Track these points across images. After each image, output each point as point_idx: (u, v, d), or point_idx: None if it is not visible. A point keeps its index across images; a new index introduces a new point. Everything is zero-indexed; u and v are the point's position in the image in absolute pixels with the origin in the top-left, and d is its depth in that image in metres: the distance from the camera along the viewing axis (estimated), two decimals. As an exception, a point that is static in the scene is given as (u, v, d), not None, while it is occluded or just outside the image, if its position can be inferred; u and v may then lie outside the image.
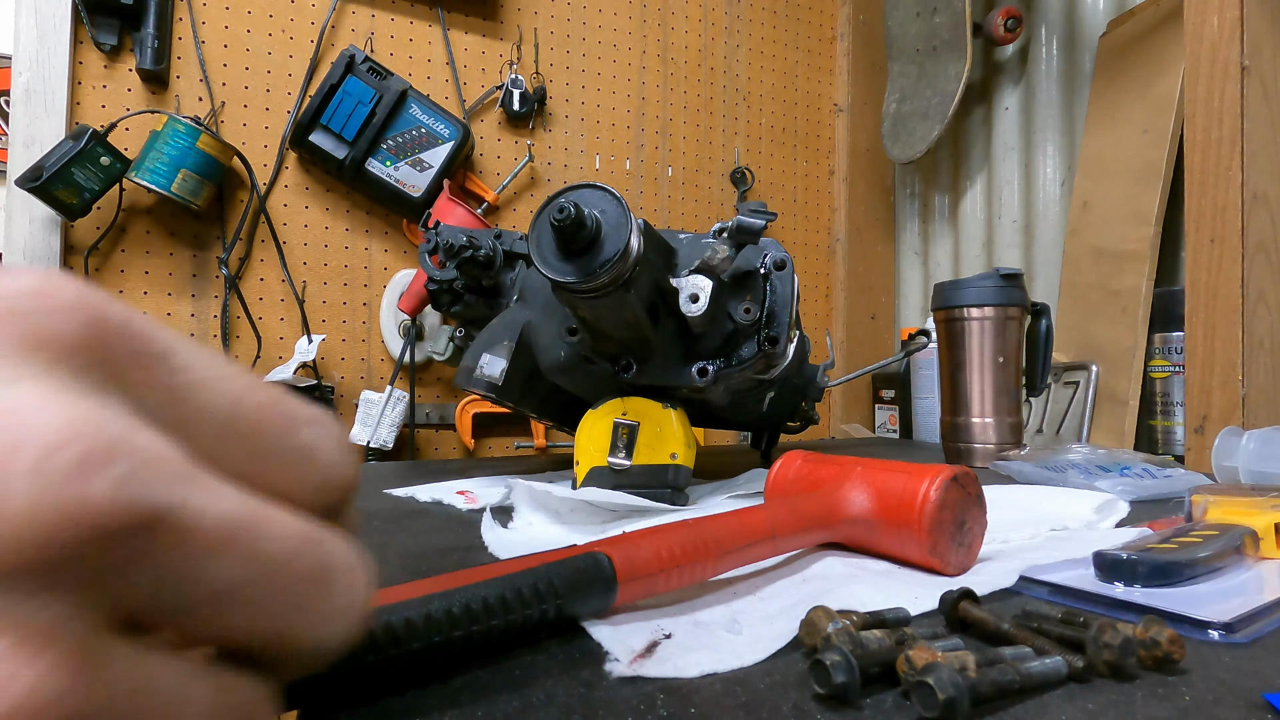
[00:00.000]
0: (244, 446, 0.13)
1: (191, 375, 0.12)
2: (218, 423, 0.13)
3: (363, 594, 0.14)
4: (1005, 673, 0.24)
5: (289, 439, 0.14)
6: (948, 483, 0.38)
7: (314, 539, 0.13)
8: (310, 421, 0.15)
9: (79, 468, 0.09)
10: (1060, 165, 1.41)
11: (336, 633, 0.14)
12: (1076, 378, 1.21)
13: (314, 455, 0.14)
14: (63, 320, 0.11)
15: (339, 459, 0.15)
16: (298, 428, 0.14)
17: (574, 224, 0.48)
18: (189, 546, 0.11)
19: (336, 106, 1.22)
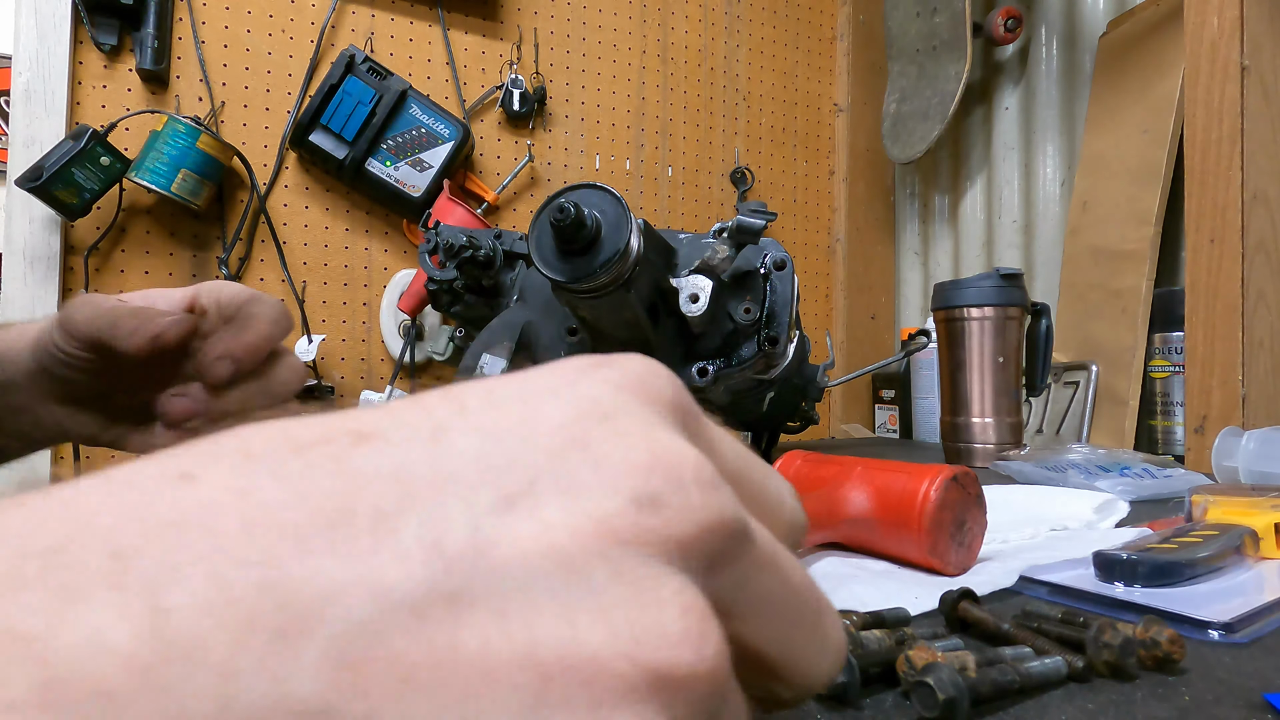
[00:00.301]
0: (744, 490, 0.15)
1: (712, 429, 0.15)
2: (731, 469, 0.15)
3: (842, 638, 0.16)
4: (1005, 673, 0.24)
5: (765, 485, 0.16)
6: (948, 483, 0.38)
7: (807, 579, 0.15)
8: (773, 472, 0.17)
9: (714, 485, 0.12)
10: (1060, 165, 1.41)
11: (826, 666, 0.15)
12: (1076, 378, 1.21)
13: (783, 502, 0.17)
14: (667, 388, 0.14)
15: (796, 506, 0.17)
16: (769, 476, 0.17)
17: (574, 224, 0.48)
18: (752, 558, 0.13)
19: (336, 106, 1.22)
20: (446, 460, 0.11)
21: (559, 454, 0.12)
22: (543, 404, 0.13)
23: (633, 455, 0.12)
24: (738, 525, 0.13)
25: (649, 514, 0.12)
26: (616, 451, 0.12)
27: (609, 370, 0.14)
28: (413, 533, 0.10)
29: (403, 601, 0.10)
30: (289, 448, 0.11)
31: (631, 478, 0.12)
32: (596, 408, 0.13)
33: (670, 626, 0.11)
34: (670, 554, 0.11)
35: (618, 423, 0.13)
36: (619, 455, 0.12)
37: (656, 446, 0.12)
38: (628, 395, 0.13)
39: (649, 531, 0.11)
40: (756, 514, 0.15)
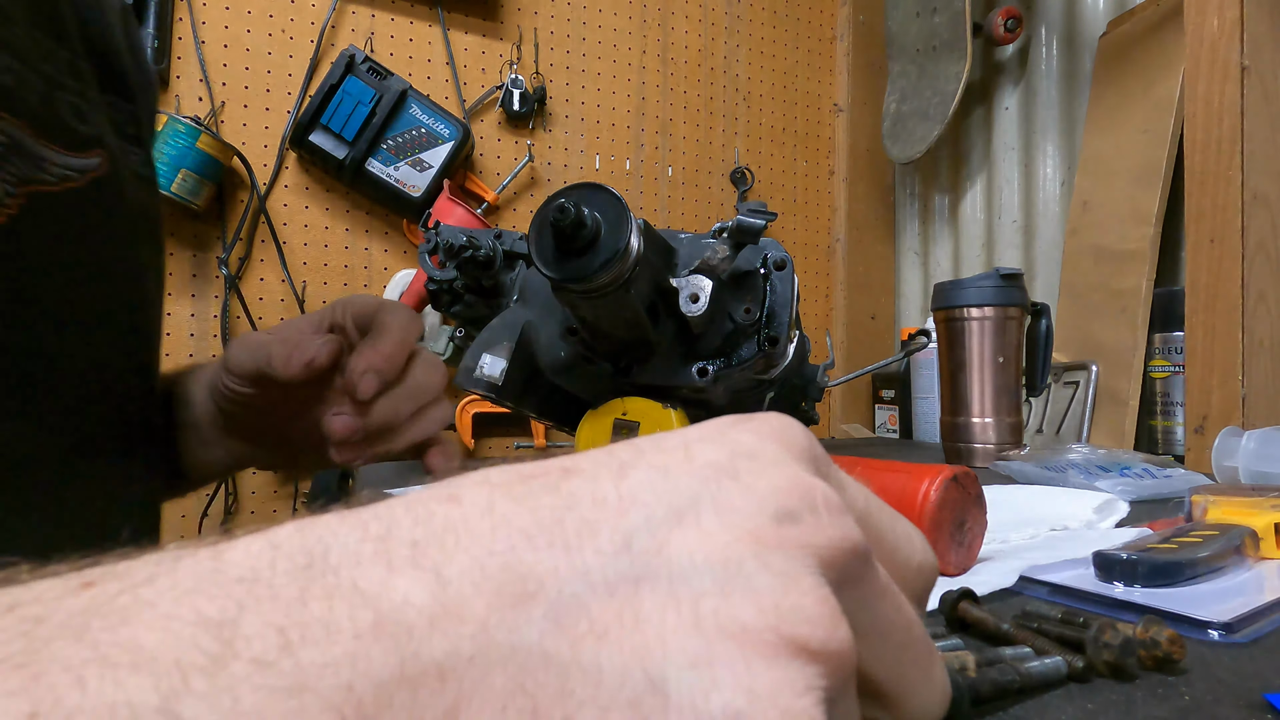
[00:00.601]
0: (869, 527, 0.17)
1: (841, 476, 0.17)
2: (859, 509, 0.17)
3: (947, 685, 0.17)
4: (1005, 672, 0.24)
5: (896, 527, 0.18)
6: (948, 483, 0.38)
7: (920, 620, 0.17)
8: (901, 515, 0.19)
9: (841, 510, 0.15)
10: (1060, 165, 1.41)
11: (932, 704, 0.17)
12: (1076, 378, 1.21)
13: (913, 543, 0.18)
14: (801, 438, 0.17)
15: (927, 549, 0.19)
16: (898, 518, 0.18)
17: (574, 224, 0.48)
18: (874, 585, 0.15)
19: (336, 106, 1.22)
20: (629, 488, 0.14)
21: (715, 481, 0.15)
22: (701, 447, 0.16)
23: (775, 482, 0.15)
24: (862, 548, 0.15)
25: (789, 525, 0.14)
26: (760, 480, 0.15)
27: (753, 423, 0.17)
28: (607, 535, 0.13)
29: (600, 581, 0.13)
30: (518, 479, 0.15)
31: (774, 498, 0.14)
32: (743, 449, 0.16)
33: (809, 610, 0.13)
34: (808, 558, 0.14)
35: (761, 460, 0.15)
36: (763, 483, 0.15)
37: (794, 477, 0.15)
38: (769, 441, 0.16)
39: (789, 539, 0.14)
40: (878, 551, 0.17)
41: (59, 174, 0.38)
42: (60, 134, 0.38)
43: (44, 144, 0.37)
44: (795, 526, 0.14)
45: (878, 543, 0.17)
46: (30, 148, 0.36)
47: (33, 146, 0.36)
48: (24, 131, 0.36)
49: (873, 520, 0.17)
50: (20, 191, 0.36)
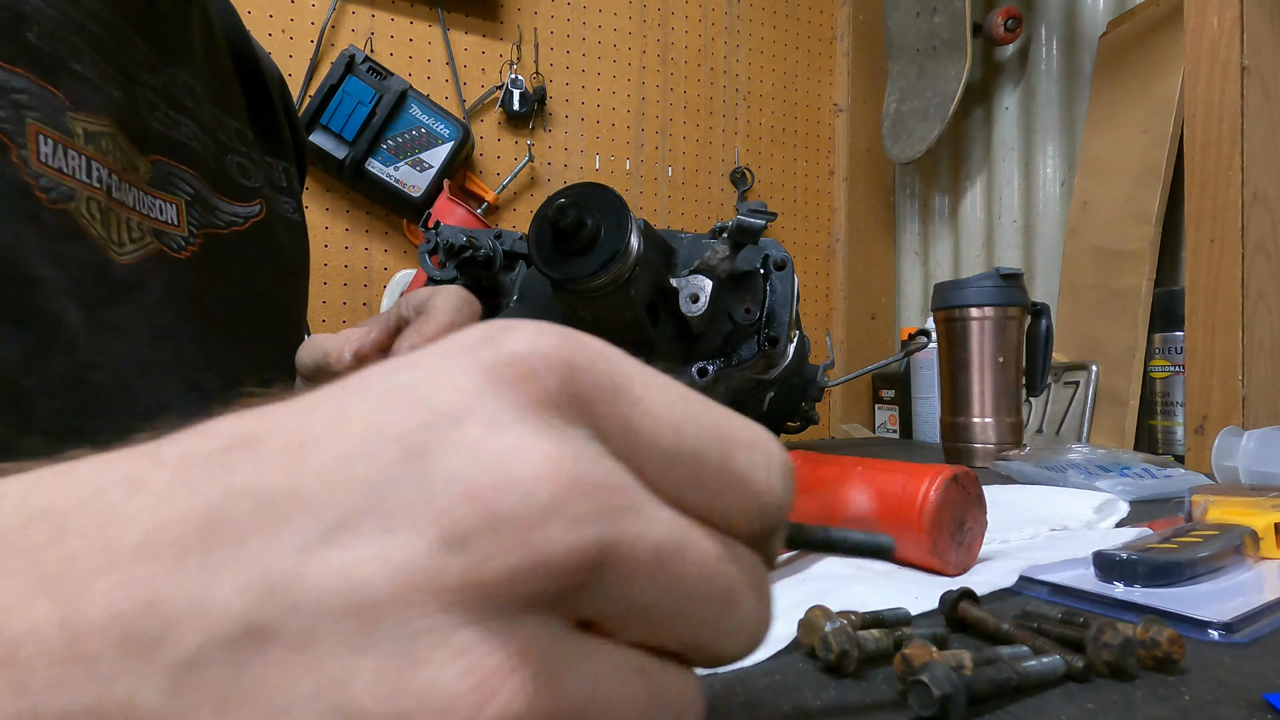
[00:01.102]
0: (682, 472, 0.14)
1: (644, 405, 0.14)
2: (662, 450, 0.14)
3: (763, 617, 0.15)
4: (1002, 671, 0.24)
5: (725, 464, 0.15)
6: (948, 483, 0.38)
7: (727, 564, 0.14)
8: (749, 446, 0.15)
9: (545, 516, 0.11)
10: (1060, 165, 1.41)
11: (738, 649, 0.15)
12: (1076, 378, 1.21)
13: (747, 482, 0.15)
14: (546, 371, 0.13)
15: (771, 486, 0.15)
16: (735, 453, 0.15)
17: (574, 224, 0.48)
18: (621, 573, 0.12)
19: (336, 106, 1.22)
20: (301, 477, 0.12)
21: (394, 470, 0.12)
22: (396, 404, 0.12)
23: (464, 475, 0.11)
24: (577, 557, 0.12)
25: (452, 556, 0.11)
26: (450, 468, 0.12)
27: (486, 350, 0.13)
28: (248, 559, 0.11)
29: (221, 636, 0.11)
30: (206, 451, 0.12)
31: (449, 511, 0.11)
32: (450, 407, 0.12)
33: (446, 689, 0.11)
34: (468, 603, 0.11)
35: (467, 428, 0.12)
36: (449, 474, 0.12)
37: (500, 461, 0.12)
38: (494, 385, 0.13)
39: (448, 577, 0.11)
40: (691, 497, 0.14)
41: (227, 219, 0.47)
42: (229, 188, 0.48)
43: (218, 195, 0.47)
44: (461, 556, 0.11)
45: (701, 487, 0.14)
46: (208, 198, 0.45)
47: (210, 197, 0.46)
48: (204, 185, 0.45)
49: (693, 460, 0.14)
50: (200, 233, 0.44)
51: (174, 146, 0.43)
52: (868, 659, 0.26)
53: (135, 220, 0.40)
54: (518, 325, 0.14)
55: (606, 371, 0.14)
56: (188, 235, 0.43)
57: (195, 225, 0.44)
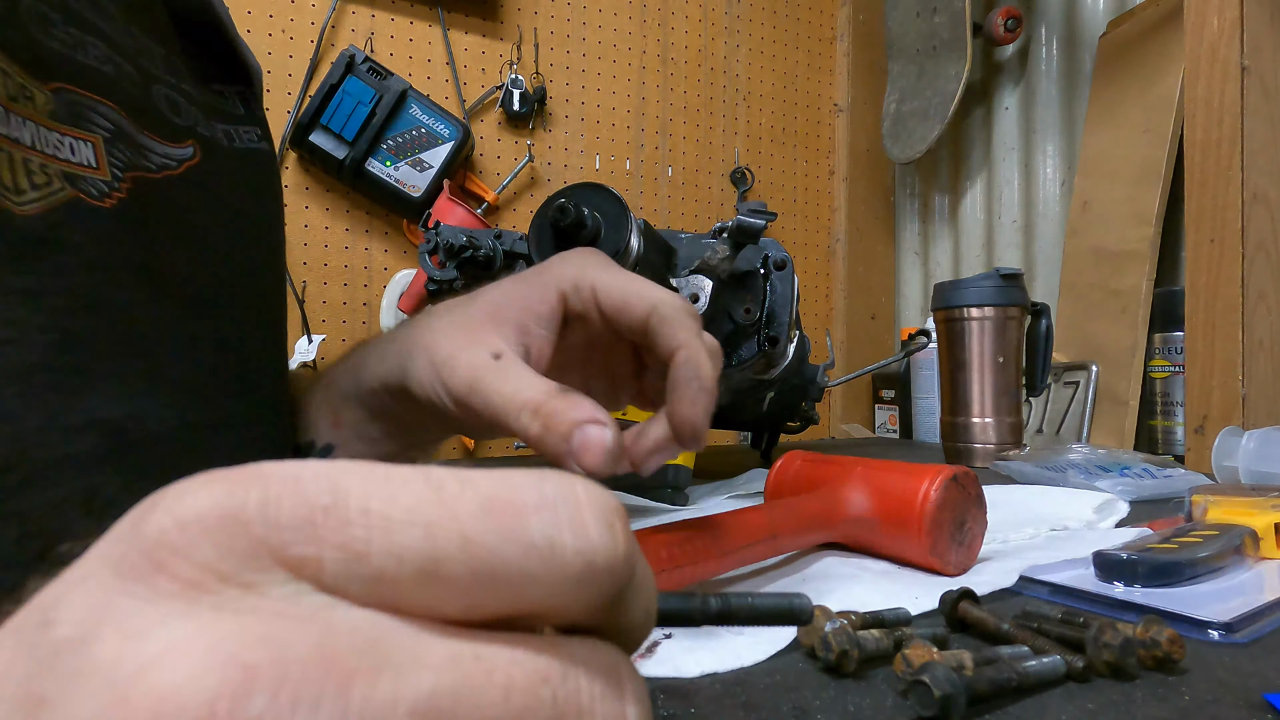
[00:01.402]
0: (456, 575, 0.11)
1: (372, 518, 0.11)
2: (414, 563, 0.11)
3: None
4: (1002, 671, 0.24)
5: (514, 542, 0.12)
6: (948, 483, 0.38)
7: (544, 682, 0.12)
8: (540, 507, 0.12)
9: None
10: (1060, 165, 1.41)
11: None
12: (1076, 378, 1.21)
13: (552, 553, 0.12)
14: (194, 542, 0.11)
15: (587, 544, 0.12)
16: (525, 523, 0.12)
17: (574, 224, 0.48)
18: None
19: (336, 106, 1.22)
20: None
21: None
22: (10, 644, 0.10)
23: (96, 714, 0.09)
24: None
25: None
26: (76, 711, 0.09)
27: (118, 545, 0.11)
28: None
29: None
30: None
31: None
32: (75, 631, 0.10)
33: None
34: None
35: (95, 652, 0.10)
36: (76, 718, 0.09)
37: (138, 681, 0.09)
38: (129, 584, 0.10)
39: None
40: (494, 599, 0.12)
41: (159, 162, 0.38)
42: (158, 125, 0.39)
43: (145, 133, 0.38)
44: None
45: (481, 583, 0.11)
46: (133, 135, 0.37)
47: (135, 134, 0.37)
48: (126, 120, 0.36)
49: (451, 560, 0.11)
50: (127, 176, 0.36)
51: (82, 72, 0.35)
52: (868, 659, 0.26)
53: (37, 162, 0.33)
54: (166, 495, 0.11)
55: (295, 503, 0.11)
56: (110, 179, 0.35)
57: (119, 167, 0.35)
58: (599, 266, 0.34)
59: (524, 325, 0.34)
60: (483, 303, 0.35)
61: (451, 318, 0.35)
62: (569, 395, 0.29)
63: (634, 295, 0.33)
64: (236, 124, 0.46)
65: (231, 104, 0.46)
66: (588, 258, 0.35)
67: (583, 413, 0.28)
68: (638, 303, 0.32)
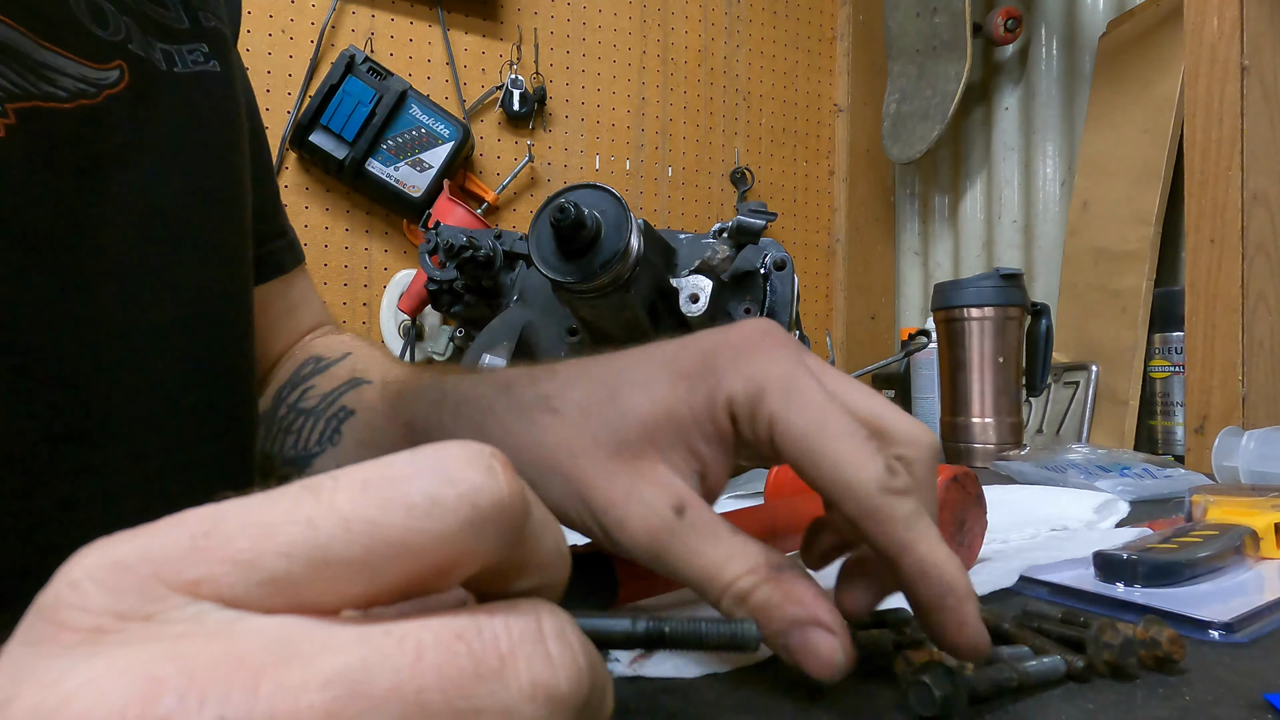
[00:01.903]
0: (348, 566, 0.12)
1: (252, 528, 0.12)
2: (305, 558, 0.12)
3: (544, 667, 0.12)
4: (1003, 671, 0.24)
5: (395, 516, 0.12)
6: (948, 483, 0.38)
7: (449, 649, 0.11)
8: (415, 474, 0.12)
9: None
10: (1060, 165, 1.41)
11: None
12: (1076, 378, 1.21)
13: (433, 507, 0.12)
14: (85, 596, 0.11)
15: (472, 487, 0.12)
16: (400, 491, 0.12)
17: (574, 224, 0.48)
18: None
19: (336, 107, 1.22)
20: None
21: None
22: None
23: None
24: None
25: None
26: None
27: (28, 623, 0.11)
28: None
29: None
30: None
31: None
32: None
33: None
34: None
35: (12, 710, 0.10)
36: None
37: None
38: (37, 645, 0.11)
39: None
40: (392, 577, 0.12)
41: (74, 87, 0.30)
42: (74, 38, 0.30)
43: (52, 48, 0.29)
44: None
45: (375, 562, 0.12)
46: (28, 51, 0.28)
47: (31, 49, 0.29)
48: (20, 31, 0.28)
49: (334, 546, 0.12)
50: (10, 109, 0.28)
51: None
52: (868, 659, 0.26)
53: None
54: (58, 572, 0.11)
55: (177, 535, 0.12)
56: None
57: (1, 97, 0.27)
58: (781, 384, 0.23)
59: (693, 447, 0.24)
60: (632, 412, 0.24)
61: (588, 425, 0.25)
62: (783, 578, 0.22)
63: (828, 464, 0.22)
64: (178, 41, 0.36)
65: (174, 14, 0.36)
66: (768, 359, 0.23)
67: (803, 610, 0.21)
68: (833, 476, 0.22)
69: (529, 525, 0.13)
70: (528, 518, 0.13)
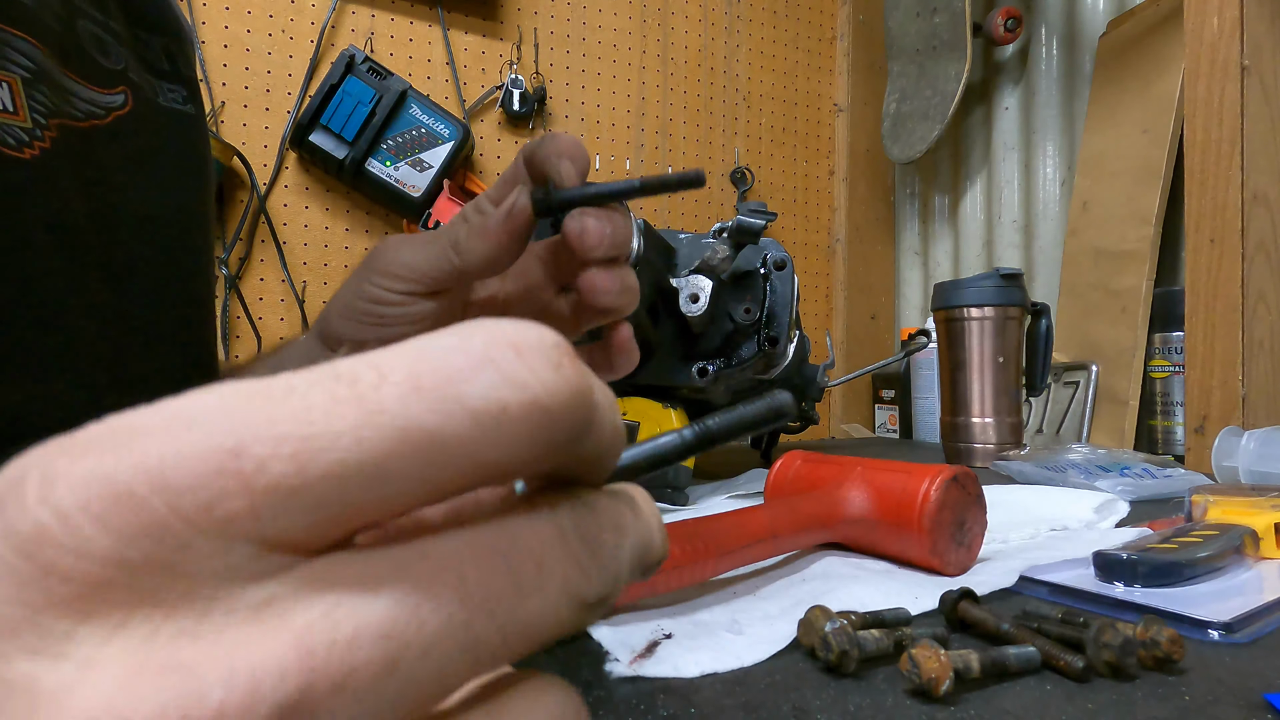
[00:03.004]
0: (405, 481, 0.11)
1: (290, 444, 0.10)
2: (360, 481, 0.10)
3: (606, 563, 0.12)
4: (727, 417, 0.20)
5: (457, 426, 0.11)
6: (948, 483, 0.38)
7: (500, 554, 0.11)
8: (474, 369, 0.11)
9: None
10: (1060, 165, 1.41)
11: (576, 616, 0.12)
12: (1076, 378, 1.21)
13: (502, 415, 0.11)
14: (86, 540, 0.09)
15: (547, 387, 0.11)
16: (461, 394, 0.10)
17: (574, 224, 0.48)
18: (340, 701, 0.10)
19: (336, 106, 1.22)
20: None
21: None
22: None
23: None
24: None
25: None
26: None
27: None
28: None
29: None
30: None
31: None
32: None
33: None
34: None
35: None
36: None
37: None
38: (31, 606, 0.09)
39: None
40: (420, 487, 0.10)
41: (85, 109, 0.34)
42: (85, 66, 0.35)
43: (69, 75, 0.34)
44: None
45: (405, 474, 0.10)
46: (56, 77, 0.33)
47: (59, 76, 0.33)
48: (50, 58, 0.32)
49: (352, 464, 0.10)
50: (52, 124, 0.32)
51: None
52: (868, 659, 0.26)
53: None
54: (26, 478, 0.09)
55: (198, 452, 0.09)
56: (32, 127, 0.31)
57: (42, 113, 0.31)
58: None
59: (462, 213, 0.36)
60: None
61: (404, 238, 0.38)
62: None
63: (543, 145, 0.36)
64: (163, 79, 0.41)
65: (156, 55, 0.42)
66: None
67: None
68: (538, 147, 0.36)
69: (595, 418, 0.12)
70: (594, 411, 0.12)
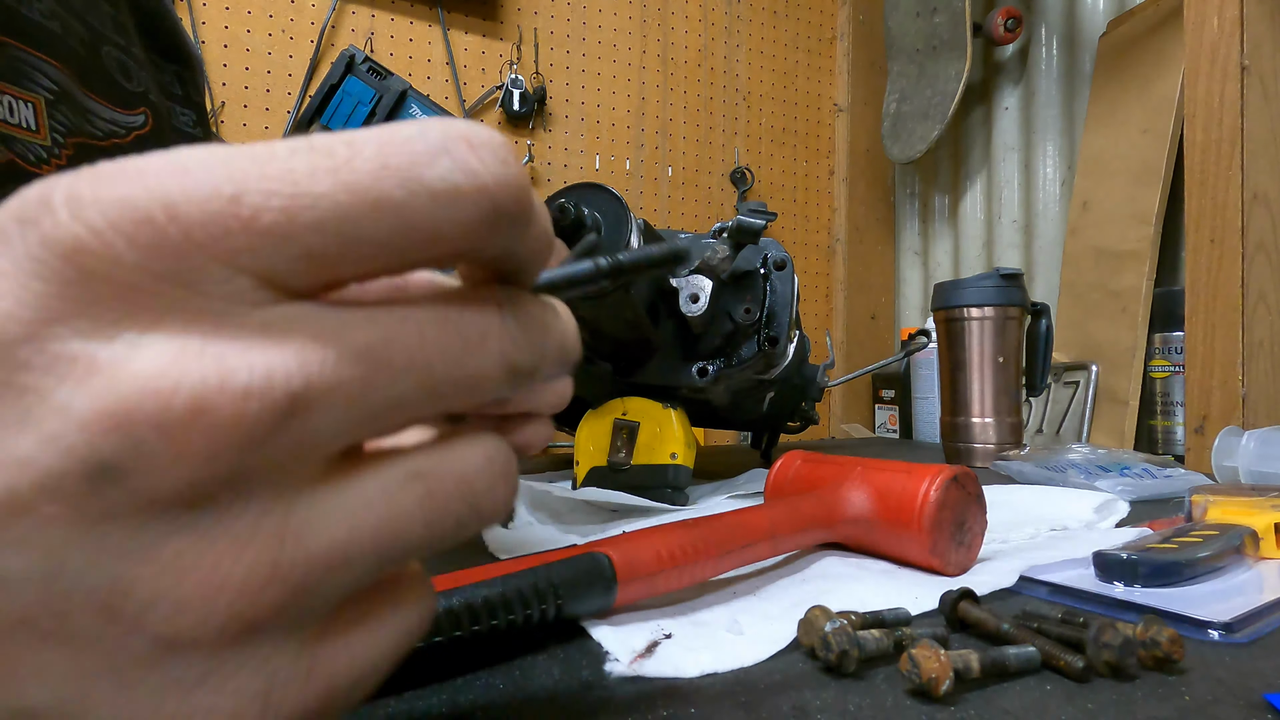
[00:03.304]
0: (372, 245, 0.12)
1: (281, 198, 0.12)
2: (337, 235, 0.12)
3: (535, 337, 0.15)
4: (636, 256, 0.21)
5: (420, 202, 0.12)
6: (948, 483, 0.38)
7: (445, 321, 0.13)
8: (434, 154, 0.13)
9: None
10: (1060, 165, 1.41)
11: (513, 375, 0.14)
12: (1076, 378, 1.21)
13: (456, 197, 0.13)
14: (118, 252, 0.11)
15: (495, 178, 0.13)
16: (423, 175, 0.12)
17: (574, 224, 0.48)
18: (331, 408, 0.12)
19: (336, 106, 1.22)
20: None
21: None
22: None
23: None
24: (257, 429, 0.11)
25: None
26: None
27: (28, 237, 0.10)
28: None
29: None
30: None
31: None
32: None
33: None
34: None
35: None
36: None
37: None
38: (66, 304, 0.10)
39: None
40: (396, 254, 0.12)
41: (106, 129, 0.36)
42: (107, 88, 0.37)
43: (91, 96, 0.36)
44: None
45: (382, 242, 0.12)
46: (78, 98, 0.35)
47: (81, 98, 0.35)
48: (72, 80, 0.34)
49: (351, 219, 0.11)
50: (70, 142, 0.34)
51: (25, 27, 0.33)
52: (868, 659, 0.26)
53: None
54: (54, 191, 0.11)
55: (204, 196, 0.11)
56: (51, 144, 0.33)
57: (62, 131, 0.33)
58: None
59: None
60: None
61: None
62: None
63: None
64: (174, 103, 0.44)
65: (170, 80, 0.45)
66: None
67: None
68: None
69: (532, 215, 0.14)
70: (532, 210, 0.14)
